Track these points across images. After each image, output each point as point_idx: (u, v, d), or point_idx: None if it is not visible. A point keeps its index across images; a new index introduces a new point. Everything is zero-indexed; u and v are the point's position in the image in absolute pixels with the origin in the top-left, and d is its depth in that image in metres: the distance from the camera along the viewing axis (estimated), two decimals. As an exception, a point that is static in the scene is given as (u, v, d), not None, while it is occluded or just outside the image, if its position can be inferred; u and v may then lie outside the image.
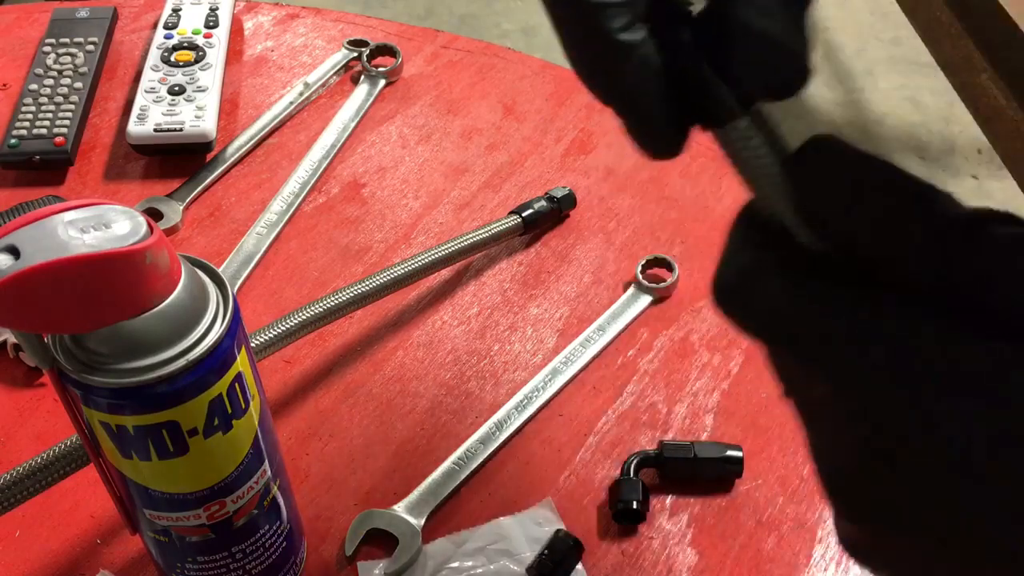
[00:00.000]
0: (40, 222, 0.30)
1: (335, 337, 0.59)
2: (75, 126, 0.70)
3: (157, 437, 0.35)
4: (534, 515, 0.50)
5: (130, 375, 0.33)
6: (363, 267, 0.64)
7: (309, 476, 0.52)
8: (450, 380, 0.57)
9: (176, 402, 0.34)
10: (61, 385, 0.34)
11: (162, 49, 0.74)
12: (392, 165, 0.71)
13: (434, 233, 0.66)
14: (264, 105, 0.75)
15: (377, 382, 0.57)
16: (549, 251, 0.65)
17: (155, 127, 0.68)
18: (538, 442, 0.54)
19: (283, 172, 0.70)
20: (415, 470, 0.53)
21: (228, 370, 0.35)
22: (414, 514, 0.50)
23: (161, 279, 0.33)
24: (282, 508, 0.43)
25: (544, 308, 0.61)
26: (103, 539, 0.49)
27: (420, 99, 0.77)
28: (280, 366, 0.57)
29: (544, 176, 0.70)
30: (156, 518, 0.39)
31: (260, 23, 0.84)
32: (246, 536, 0.41)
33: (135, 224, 0.31)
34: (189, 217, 0.67)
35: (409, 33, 0.83)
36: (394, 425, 0.55)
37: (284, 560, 0.45)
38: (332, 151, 0.72)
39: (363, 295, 0.55)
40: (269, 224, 0.66)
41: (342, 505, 0.51)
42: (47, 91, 0.72)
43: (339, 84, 0.78)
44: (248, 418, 0.38)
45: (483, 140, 0.73)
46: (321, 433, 0.54)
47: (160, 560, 0.42)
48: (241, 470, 0.38)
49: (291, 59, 0.80)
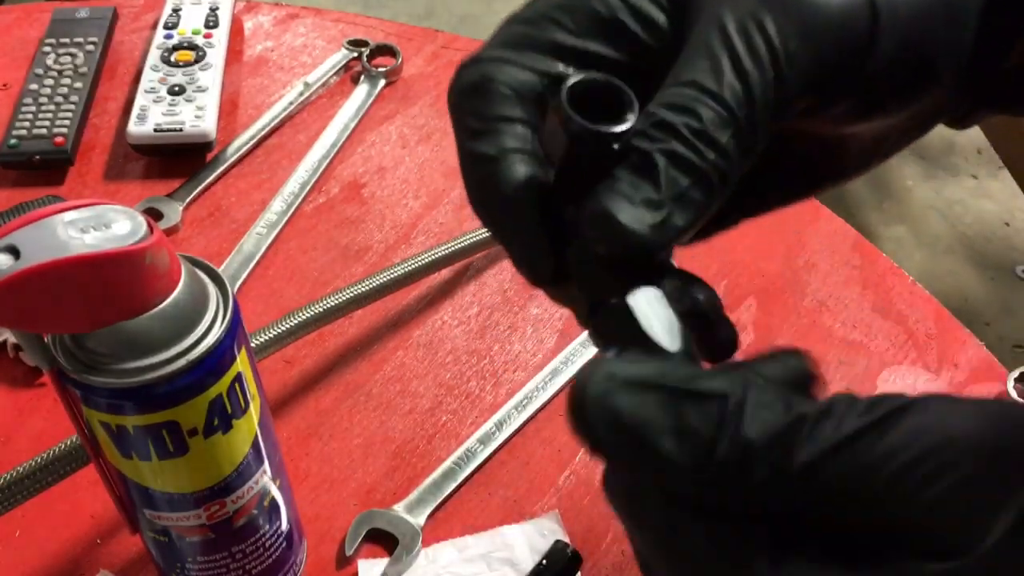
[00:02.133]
0: (40, 222, 0.30)
1: (335, 337, 0.59)
2: (75, 126, 0.70)
3: (157, 437, 0.35)
4: (539, 525, 0.50)
5: (130, 375, 0.33)
6: (363, 267, 0.64)
7: (309, 476, 0.52)
8: (450, 380, 0.57)
9: (176, 402, 0.34)
10: (61, 385, 0.34)
11: (162, 49, 0.74)
12: (392, 165, 0.71)
13: (434, 233, 0.66)
14: (264, 105, 0.75)
15: (377, 382, 0.57)
16: (549, 251, 0.65)
17: (155, 127, 0.68)
18: (538, 442, 0.54)
19: (283, 172, 0.70)
20: (415, 470, 0.53)
21: (228, 370, 0.35)
22: (414, 514, 0.50)
23: (161, 279, 0.33)
24: (282, 508, 0.43)
25: (544, 308, 0.61)
26: (103, 539, 0.49)
27: (420, 99, 0.77)
28: (280, 366, 0.57)
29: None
30: (156, 518, 0.39)
31: (260, 23, 0.84)
32: (246, 536, 0.41)
33: (135, 224, 0.31)
34: (189, 217, 0.67)
35: (409, 33, 0.83)
36: (394, 425, 0.55)
37: (284, 560, 0.45)
38: (332, 151, 0.72)
39: (363, 295, 0.55)
40: (269, 224, 0.66)
41: (342, 505, 0.51)
42: (47, 91, 0.72)
43: (339, 84, 0.78)
44: (248, 418, 0.38)
45: (483, 140, 0.73)
46: (321, 433, 0.54)
47: (160, 560, 0.42)
48: (241, 470, 0.38)
49: (291, 59, 0.80)
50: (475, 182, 0.27)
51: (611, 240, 0.24)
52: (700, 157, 0.24)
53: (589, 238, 0.25)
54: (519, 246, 0.27)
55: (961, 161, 2.01)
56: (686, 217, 0.24)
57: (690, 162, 0.24)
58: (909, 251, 1.82)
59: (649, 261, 0.25)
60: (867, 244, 0.67)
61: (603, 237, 0.24)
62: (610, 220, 0.24)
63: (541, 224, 0.26)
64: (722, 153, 0.24)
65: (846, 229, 0.68)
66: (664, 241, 0.24)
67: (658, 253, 0.25)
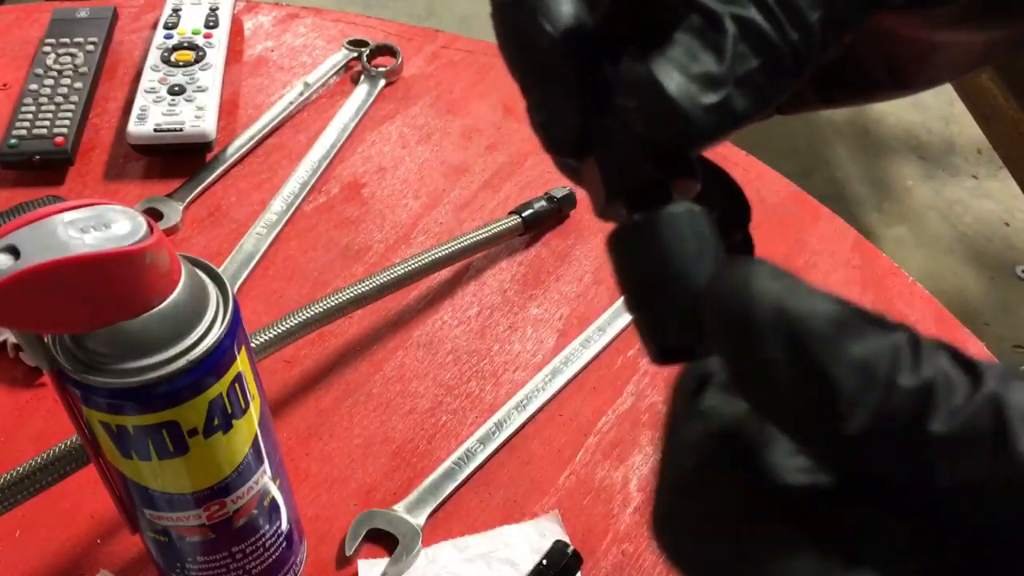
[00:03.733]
0: (40, 222, 0.30)
1: (335, 337, 0.59)
2: (75, 126, 0.70)
3: (157, 437, 0.35)
4: (539, 525, 0.50)
5: (130, 375, 0.33)
6: (363, 267, 0.64)
7: (309, 476, 0.52)
8: (450, 380, 0.57)
9: (176, 402, 0.34)
10: (61, 385, 0.34)
11: (162, 49, 0.74)
12: (392, 165, 0.71)
13: (434, 233, 0.66)
14: (264, 105, 0.75)
15: (377, 382, 0.57)
16: (549, 251, 0.65)
17: (155, 127, 0.68)
18: (538, 442, 0.54)
19: (283, 172, 0.70)
20: (415, 470, 0.53)
21: (228, 370, 0.35)
22: (414, 514, 0.50)
23: (161, 279, 0.33)
24: (282, 508, 0.43)
25: (544, 308, 0.61)
26: (103, 539, 0.49)
27: (420, 99, 0.77)
28: (280, 366, 0.57)
29: (544, 176, 0.70)
30: (156, 518, 0.39)
31: (260, 23, 0.84)
32: (246, 536, 0.41)
33: (135, 224, 0.31)
34: (189, 217, 0.67)
35: (409, 33, 0.83)
36: (394, 425, 0.55)
37: (284, 560, 0.45)
38: (332, 151, 0.72)
39: (363, 295, 0.55)
40: (269, 224, 0.66)
41: (342, 505, 0.51)
42: (47, 91, 0.72)
43: (339, 84, 0.78)
44: (248, 418, 0.38)
45: (483, 140, 0.73)
46: (321, 433, 0.54)
47: (160, 560, 0.42)
48: (241, 470, 0.38)
49: (291, 59, 0.80)
50: (506, 15, 0.22)
51: (652, 115, 0.20)
52: (780, 33, 0.20)
53: (626, 109, 0.20)
54: (542, 96, 0.22)
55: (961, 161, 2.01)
56: (747, 104, 0.20)
57: (767, 37, 0.20)
58: (909, 251, 1.82)
59: (692, 151, 0.21)
60: (867, 244, 0.67)
61: (643, 109, 0.20)
62: (654, 89, 0.20)
63: (576, 76, 0.21)
64: (807, 33, 0.20)
65: (846, 229, 0.68)
66: (717, 128, 0.20)
67: (706, 143, 0.20)
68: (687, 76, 0.20)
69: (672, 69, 0.20)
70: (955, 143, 2.04)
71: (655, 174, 0.21)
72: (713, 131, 0.20)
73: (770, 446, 0.18)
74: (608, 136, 0.21)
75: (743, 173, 0.72)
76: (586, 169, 0.22)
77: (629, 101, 0.20)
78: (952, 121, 2.08)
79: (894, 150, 2.03)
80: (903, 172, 1.97)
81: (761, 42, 0.20)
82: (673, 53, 0.20)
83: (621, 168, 0.21)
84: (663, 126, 0.20)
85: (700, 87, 0.20)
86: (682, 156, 0.21)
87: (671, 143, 0.20)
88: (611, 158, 0.21)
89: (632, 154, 0.21)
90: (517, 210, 0.64)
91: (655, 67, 0.20)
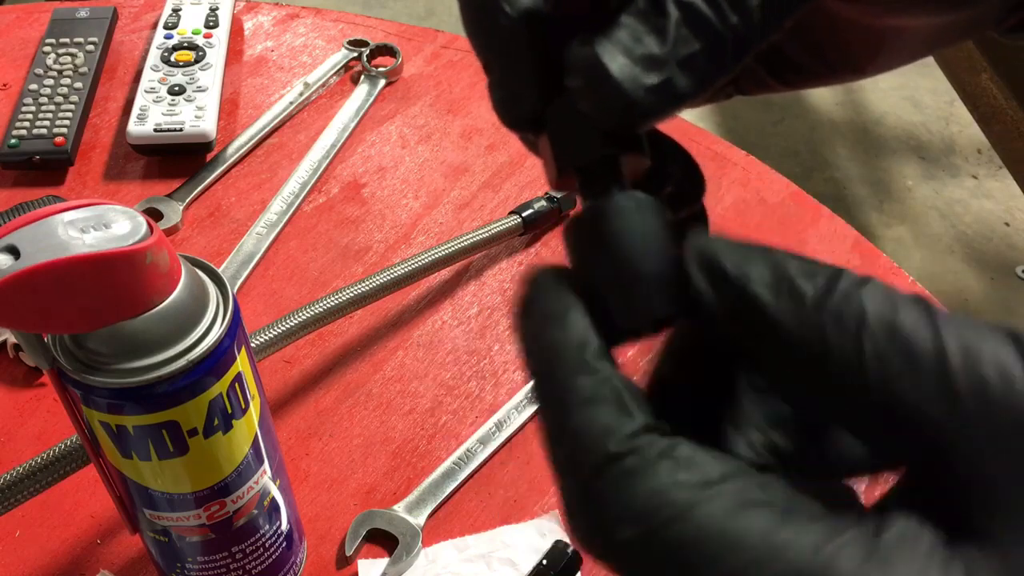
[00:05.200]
0: (40, 222, 0.30)
1: (335, 337, 0.59)
2: (75, 126, 0.70)
3: (157, 437, 0.35)
4: (539, 525, 0.50)
5: (130, 375, 0.33)
6: (363, 267, 0.64)
7: (309, 476, 0.52)
8: (450, 380, 0.57)
9: (176, 402, 0.34)
10: (61, 385, 0.34)
11: (162, 49, 0.74)
12: (392, 165, 0.71)
13: (434, 233, 0.66)
14: (264, 105, 0.75)
15: (377, 382, 0.57)
16: (549, 251, 0.65)
17: (155, 127, 0.68)
18: (538, 442, 0.54)
19: (283, 172, 0.70)
20: (415, 470, 0.53)
21: (228, 370, 0.35)
22: (414, 514, 0.50)
23: (161, 279, 0.33)
24: (282, 508, 0.43)
25: (544, 308, 0.61)
26: (103, 539, 0.49)
27: (420, 99, 0.77)
28: (280, 366, 0.57)
29: (544, 176, 0.70)
30: (156, 518, 0.39)
31: (260, 23, 0.84)
32: (246, 536, 0.41)
33: (135, 224, 0.31)
34: (189, 217, 0.67)
35: (409, 33, 0.83)
36: (394, 425, 0.55)
37: (284, 560, 0.45)
38: (332, 151, 0.72)
39: (363, 295, 0.55)
40: (269, 224, 0.66)
41: (342, 505, 0.51)
42: (47, 91, 0.72)
43: (339, 84, 0.78)
44: (248, 418, 0.38)
45: (483, 140, 0.73)
46: (321, 433, 0.54)
47: (160, 560, 0.42)
48: (241, 470, 0.38)
49: (291, 59, 0.80)
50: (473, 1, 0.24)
51: (595, 95, 0.21)
52: (720, 17, 0.21)
53: (572, 88, 0.21)
54: (500, 75, 0.24)
55: (961, 161, 2.01)
56: (688, 85, 0.21)
57: (707, 21, 0.21)
58: (909, 251, 1.82)
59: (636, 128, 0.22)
60: (867, 244, 0.67)
61: (588, 90, 0.21)
62: (598, 70, 0.21)
63: (532, 56, 0.23)
64: (747, 17, 0.21)
65: (846, 229, 0.68)
66: (658, 107, 0.21)
67: (649, 120, 0.22)
68: (630, 58, 0.21)
69: (616, 51, 0.21)
70: (955, 143, 2.04)
71: (602, 150, 0.22)
72: (655, 110, 0.21)
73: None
74: (559, 114, 0.23)
75: (743, 173, 0.72)
76: (541, 143, 0.24)
77: (575, 81, 0.21)
78: (952, 121, 2.08)
79: (894, 150, 2.03)
80: (903, 172, 1.97)
81: (702, 25, 0.21)
82: (618, 35, 0.21)
83: (570, 144, 0.23)
84: (607, 105, 0.21)
85: (643, 68, 0.21)
86: (628, 133, 0.22)
87: (615, 121, 0.21)
88: (561, 134, 0.23)
89: (580, 131, 0.22)
90: (517, 210, 0.64)
91: (600, 49, 0.21)
